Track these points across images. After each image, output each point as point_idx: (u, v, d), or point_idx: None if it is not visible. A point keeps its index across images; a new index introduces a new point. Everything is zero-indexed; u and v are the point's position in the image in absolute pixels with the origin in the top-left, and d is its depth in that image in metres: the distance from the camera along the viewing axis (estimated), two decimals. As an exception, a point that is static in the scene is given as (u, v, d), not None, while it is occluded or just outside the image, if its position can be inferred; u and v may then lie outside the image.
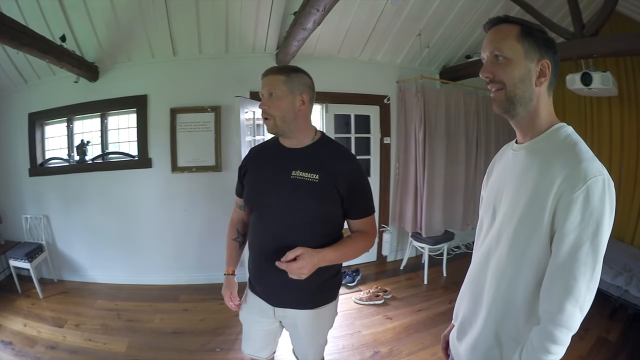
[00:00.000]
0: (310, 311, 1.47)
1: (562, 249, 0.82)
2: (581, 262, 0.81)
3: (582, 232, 0.80)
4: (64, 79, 3.68)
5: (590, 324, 2.85)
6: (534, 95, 0.93)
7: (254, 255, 1.49)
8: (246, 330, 1.63)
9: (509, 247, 0.93)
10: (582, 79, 3.14)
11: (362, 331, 2.98)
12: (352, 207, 1.39)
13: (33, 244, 3.89)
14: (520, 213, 0.91)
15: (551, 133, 0.94)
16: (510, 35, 0.91)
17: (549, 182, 0.85)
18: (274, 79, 1.35)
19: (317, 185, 1.33)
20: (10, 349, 2.82)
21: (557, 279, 0.83)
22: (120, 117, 4.01)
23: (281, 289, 1.43)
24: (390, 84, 4.19)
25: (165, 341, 2.90)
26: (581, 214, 0.80)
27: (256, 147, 1.62)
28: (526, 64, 0.91)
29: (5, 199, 4.17)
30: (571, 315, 0.81)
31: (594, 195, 0.80)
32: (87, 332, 3.04)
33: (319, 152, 1.40)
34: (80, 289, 3.93)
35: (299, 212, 1.35)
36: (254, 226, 1.47)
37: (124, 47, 3.54)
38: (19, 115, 3.99)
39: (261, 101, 1.37)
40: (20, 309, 3.46)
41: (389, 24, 3.54)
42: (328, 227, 1.40)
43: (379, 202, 4.38)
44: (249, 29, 3.39)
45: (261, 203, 1.43)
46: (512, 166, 1.00)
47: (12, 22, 2.39)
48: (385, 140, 4.31)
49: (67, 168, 4.01)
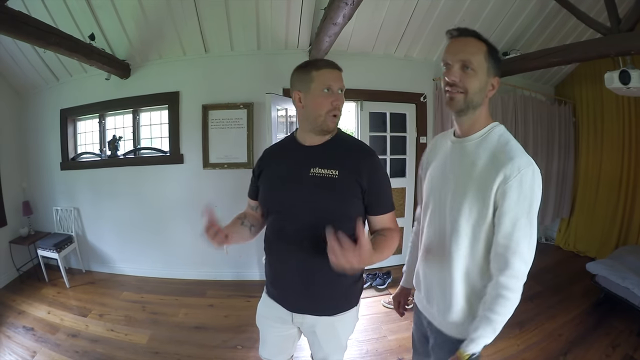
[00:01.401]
0: (330, 318, 1.44)
1: (505, 222, 1.08)
2: (521, 229, 1.07)
3: (519, 208, 1.07)
4: (96, 76, 3.86)
5: (618, 340, 2.78)
6: (482, 103, 1.18)
7: (272, 258, 1.48)
8: (263, 335, 1.62)
9: (464, 224, 1.16)
10: (621, 78, 3.02)
11: (387, 336, 2.96)
12: (376, 202, 1.37)
13: (62, 235, 4.11)
14: (471, 196, 1.14)
15: (488, 131, 1.20)
16: (480, 52, 1.13)
17: (493, 172, 1.09)
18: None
19: (337, 181, 1.31)
20: (32, 334, 2.98)
21: (504, 243, 1.09)
22: (153, 114, 4.16)
23: (301, 294, 1.40)
24: (426, 82, 4.16)
25: (187, 335, 2.97)
26: (517, 196, 1.06)
27: (270, 147, 1.59)
28: (486, 79, 1.15)
29: (37, 192, 4.43)
30: (518, 268, 1.08)
31: (525, 182, 1.06)
32: (110, 322, 3.17)
33: (337, 148, 1.39)
34: (107, 280, 4.11)
35: (320, 210, 1.32)
36: (272, 228, 1.45)
37: (154, 44, 3.68)
38: (51, 112, 4.23)
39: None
40: (46, 297, 3.65)
41: (424, 19, 3.53)
42: (349, 225, 1.23)
43: (413, 203, 4.35)
44: (280, 25, 3.45)
45: (279, 203, 1.40)
46: (456, 155, 1.24)
47: (38, 23, 2.54)
48: (422, 139, 4.27)
49: (98, 162, 4.21)
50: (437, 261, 1.28)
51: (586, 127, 4.75)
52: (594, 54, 3.04)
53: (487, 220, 1.12)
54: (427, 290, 1.36)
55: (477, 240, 1.15)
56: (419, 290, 1.44)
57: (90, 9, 3.17)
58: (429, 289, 1.35)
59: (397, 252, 4.37)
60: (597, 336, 2.82)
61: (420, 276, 1.41)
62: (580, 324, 3.01)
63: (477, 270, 1.18)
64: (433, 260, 1.31)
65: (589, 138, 4.74)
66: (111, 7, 3.16)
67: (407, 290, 1.67)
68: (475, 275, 1.19)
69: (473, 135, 1.21)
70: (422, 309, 1.43)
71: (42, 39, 2.62)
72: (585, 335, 2.85)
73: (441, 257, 1.25)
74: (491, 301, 1.10)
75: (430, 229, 1.32)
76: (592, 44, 3.01)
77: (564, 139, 4.79)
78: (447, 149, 1.30)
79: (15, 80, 4.22)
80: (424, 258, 1.37)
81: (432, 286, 1.33)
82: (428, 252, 1.34)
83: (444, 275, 1.25)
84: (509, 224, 1.08)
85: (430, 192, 1.34)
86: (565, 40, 3.82)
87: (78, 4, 3.11)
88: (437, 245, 1.28)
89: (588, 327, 2.96)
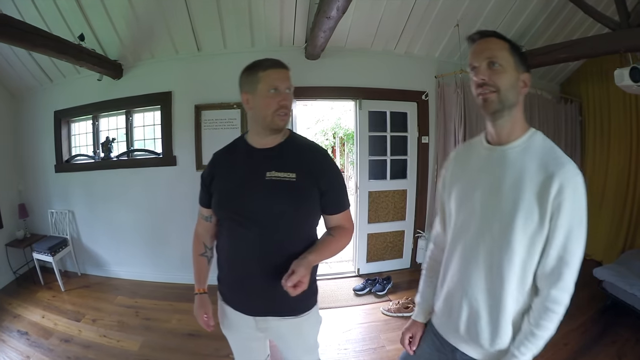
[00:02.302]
0: (293, 320, 1.47)
1: (559, 233, 1.05)
2: (574, 240, 1.05)
3: (573, 218, 1.04)
4: (89, 77, 3.87)
5: (624, 349, 2.75)
6: (517, 102, 1.13)
7: (229, 266, 1.47)
8: (233, 344, 1.65)
9: (518, 241, 1.09)
10: (631, 75, 2.93)
11: (386, 346, 2.91)
12: (331, 201, 1.42)
13: (57, 238, 4.15)
14: (526, 210, 1.07)
15: (531, 136, 1.15)
16: (503, 48, 1.11)
17: (547, 181, 1.04)
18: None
19: (295, 184, 1.33)
20: (26, 339, 3.02)
21: (558, 255, 1.06)
22: (146, 115, 4.17)
23: (262, 298, 1.42)
24: (428, 79, 4.09)
25: (180, 343, 2.98)
26: (571, 205, 1.03)
27: (220, 151, 1.56)
28: (516, 74, 1.11)
29: (32, 194, 4.48)
30: (570, 280, 1.06)
31: (578, 189, 1.04)
32: (103, 327, 3.20)
33: (292, 149, 1.41)
34: (102, 283, 4.15)
35: (279, 214, 1.34)
36: (229, 235, 1.43)
37: (146, 43, 3.68)
38: (45, 113, 4.26)
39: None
40: (41, 300, 3.70)
41: (424, 14, 3.46)
42: (307, 226, 1.43)
43: (415, 205, 4.31)
44: (275, 22, 3.42)
45: (236, 210, 1.38)
46: (497, 165, 1.16)
47: (23, 25, 2.55)
48: (424, 139, 4.21)
49: (92, 165, 4.24)
50: (483, 286, 1.17)
51: (592, 126, 4.67)
52: (602, 49, 2.97)
53: (543, 234, 1.07)
54: (468, 321, 1.22)
55: (532, 257, 1.10)
56: (449, 316, 1.30)
57: (81, 8, 3.18)
58: (471, 318, 1.21)
59: (398, 257, 4.36)
60: (603, 345, 2.77)
61: (455, 301, 1.27)
62: (585, 332, 2.94)
63: (528, 290, 1.13)
64: (476, 285, 1.19)
65: (595, 138, 4.65)
66: (101, 7, 3.16)
67: (421, 325, 1.50)
68: (526, 296, 1.14)
69: (516, 141, 1.15)
70: (454, 341, 1.31)
71: (27, 41, 2.64)
72: (591, 345, 2.79)
73: (489, 281, 1.16)
74: (539, 316, 1.08)
75: (470, 253, 1.21)
76: (600, 39, 2.95)
77: (570, 138, 4.69)
78: (481, 159, 1.23)
79: (10, 83, 4.26)
80: (461, 282, 1.24)
81: (474, 315, 1.20)
82: (469, 277, 1.21)
83: (492, 300, 1.16)
84: (563, 235, 1.05)
85: (465, 213, 1.24)
86: (572, 36, 3.72)
87: (68, 4, 3.12)
88: (483, 270, 1.17)
89: (594, 336, 2.90)
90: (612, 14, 2.82)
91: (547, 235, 1.07)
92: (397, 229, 4.33)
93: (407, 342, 1.51)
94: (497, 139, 1.18)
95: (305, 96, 4.00)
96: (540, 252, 1.09)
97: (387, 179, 4.25)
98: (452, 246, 1.29)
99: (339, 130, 11.03)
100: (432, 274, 1.46)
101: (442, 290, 1.34)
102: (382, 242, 4.30)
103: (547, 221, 1.05)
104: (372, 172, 4.19)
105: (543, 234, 1.07)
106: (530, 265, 1.10)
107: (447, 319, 1.32)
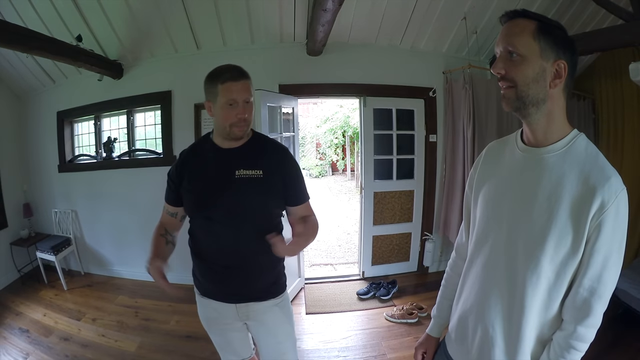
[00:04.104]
0: (274, 301, 1.64)
1: (596, 260, 0.93)
2: (611, 268, 0.93)
3: (613, 243, 0.92)
4: (90, 78, 4.02)
5: None
6: (547, 97, 0.96)
7: (207, 260, 1.58)
8: (216, 338, 1.75)
9: (547, 263, 0.97)
10: None
11: (387, 354, 2.91)
12: (295, 194, 1.59)
13: (61, 237, 4.34)
14: (560, 227, 0.95)
15: (572, 140, 0.99)
16: (526, 30, 0.93)
17: (588, 195, 0.91)
18: None
19: (262, 180, 1.49)
20: (26, 336, 3.19)
21: (590, 286, 0.94)
22: (147, 114, 4.30)
23: (241, 285, 1.57)
24: (436, 75, 4.07)
25: (177, 344, 3.08)
26: (612, 227, 0.91)
27: (186, 151, 1.66)
28: (541, 63, 0.93)
29: (36, 194, 4.69)
30: (599, 315, 0.96)
31: (621, 208, 0.91)
32: (103, 327, 3.34)
33: (256, 148, 1.57)
34: (104, 283, 4.32)
35: (249, 208, 1.49)
36: (203, 230, 1.56)
37: (145, 43, 3.78)
38: (48, 114, 4.45)
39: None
40: (44, 299, 3.88)
41: (430, 6, 3.43)
42: (275, 215, 1.60)
43: (422, 207, 4.30)
44: (274, 18, 3.46)
45: (209, 207, 1.50)
46: (531, 170, 1.03)
47: (18, 28, 2.69)
48: (431, 138, 4.19)
49: (94, 165, 4.40)
50: (500, 312, 1.07)
51: (606, 124, 4.54)
52: (616, 42, 2.92)
53: (577, 258, 0.94)
54: (481, 349, 1.13)
55: (561, 284, 0.98)
56: (463, 343, 1.22)
57: (78, 10, 3.29)
58: (485, 346, 1.12)
59: (404, 260, 4.37)
60: (614, 356, 2.73)
61: (469, 326, 1.18)
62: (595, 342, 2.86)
63: (551, 322, 1.02)
64: (494, 310, 1.08)
65: (609, 137, 4.52)
66: (98, 7, 3.26)
67: (435, 340, 1.43)
68: (547, 329, 1.03)
69: (554, 144, 1.00)
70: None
71: (23, 44, 2.77)
72: (601, 356, 2.73)
73: (508, 307, 1.05)
74: (560, 353, 0.98)
75: (490, 270, 1.10)
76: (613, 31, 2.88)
77: None
78: (515, 160, 1.09)
79: (14, 84, 4.46)
80: (477, 305, 1.14)
81: (489, 343, 1.10)
82: (486, 299, 1.11)
83: (510, 328, 1.06)
84: (600, 263, 0.93)
85: (490, 219, 1.12)
86: (585, 29, 3.65)
87: (66, 5, 3.23)
88: (501, 292, 1.07)
89: (605, 346, 2.82)
90: (625, 5, 2.76)
91: (580, 260, 0.95)
92: (404, 231, 4.33)
93: (420, 358, 1.44)
94: (532, 139, 1.04)
95: (308, 93, 4.04)
96: (570, 278, 0.97)
97: (393, 179, 4.24)
98: (471, 259, 1.20)
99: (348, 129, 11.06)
100: (449, 286, 1.37)
101: (457, 309, 1.25)
102: (388, 244, 4.31)
103: (583, 245, 0.93)
104: (377, 172, 4.20)
105: (576, 258, 0.95)
106: (557, 293, 0.99)
107: (459, 345, 1.23)
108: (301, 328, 3.30)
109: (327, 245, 5.98)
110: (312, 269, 4.87)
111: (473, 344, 1.15)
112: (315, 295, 3.88)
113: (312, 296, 3.85)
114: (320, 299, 3.79)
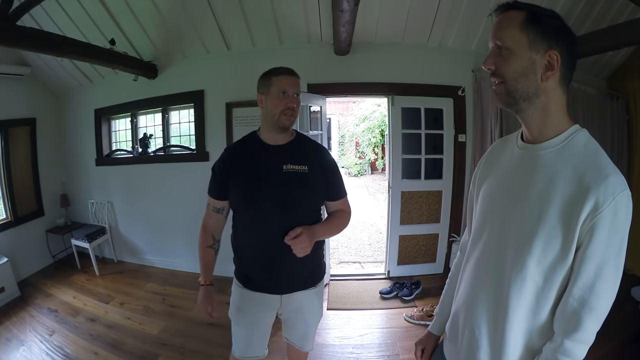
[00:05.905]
0: (314, 290, 1.85)
1: (587, 268, 0.88)
2: (605, 278, 0.88)
3: (608, 250, 0.87)
4: (126, 78, 4.39)
5: None
6: (539, 91, 0.94)
7: (254, 253, 1.74)
8: (246, 334, 1.89)
9: (533, 266, 0.95)
10: None
11: (400, 355, 2.95)
12: (334, 189, 1.81)
13: (96, 226, 4.76)
14: (549, 228, 0.92)
15: (569, 137, 0.96)
16: (513, 23, 0.93)
17: (580, 195, 0.87)
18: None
19: (307, 175, 1.68)
20: (54, 315, 3.52)
21: (580, 297, 0.90)
22: (182, 112, 4.62)
23: (291, 276, 1.74)
24: (465, 73, 4.08)
25: (198, 330, 3.29)
26: (608, 232, 0.86)
27: (232, 146, 1.84)
28: (530, 56, 0.92)
29: (74, 185, 5.16)
30: (591, 331, 0.91)
31: (620, 211, 0.86)
32: (129, 311, 3.63)
33: (300, 146, 1.77)
34: (136, 270, 4.67)
35: (295, 201, 1.66)
36: (252, 223, 1.71)
37: (177, 44, 4.09)
38: (86, 111, 4.88)
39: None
40: (75, 282, 4.26)
41: (454, 3, 3.46)
42: (316, 208, 1.81)
43: (450, 207, 4.33)
44: (299, 18, 3.62)
45: (258, 200, 1.65)
46: (526, 167, 1.02)
47: (51, 35, 3.07)
48: (460, 137, 4.20)
49: (130, 159, 4.77)
50: (486, 313, 1.06)
51: None
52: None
53: (566, 263, 0.91)
54: (468, 351, 1.12)
55: (549, 289, 0.95)
56: (454, 342, 1.22)
57: (111, 16, 3.65)
58: (471, 348, 1.10)
59: (431, 261, 4.39)
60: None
61: (459, 325, 1.18)
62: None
63: (541, 330, 0.99)
64: (480, 310, 1.08)
65: None
66: (129, 12, 3.59)
67: (435, 337, 1.44)
68: (537, 337, 0.99)
69: (549, 141, 0.98)
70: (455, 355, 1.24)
71: (56, 49, 3.12)
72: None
73: (493, 308, 1.04)
74: None
75: (481, 268, 1.10)
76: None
77: (616, 140, 4.37)
78: (513, 158, 1.08)
79: (52, 84, 4.94)
80: (466, 304, 1.15)
81: (474, 345, 1.09)
82: (474, 298, 1.11)
83: (494, 331, 1.04)
84: (592, 271, 0.88)
85: (485, 215, 1.12)
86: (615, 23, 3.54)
87: (98, 11, 3.58)
88: (488, 291, 1.06)
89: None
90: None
91: (570, 266, 0.91)
92: (431, 231, 4.36)
93: (420, 354, 1.45)
94: (529, 135, 1.03)
95: (336, 92, 4.19)
96: (559, 284, 0.94)
97: (421, 178, 4.28)
98: (467, 256, 1.20)
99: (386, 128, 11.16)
100: (452, 284, 1.36)
101: (453, 308, 1.26)
102: (415, 245, 4.37)
103: (573, 249, 0.89)
104: (405, 171, 4.26)
105: (566, 263, 0.91)
106: (545, 299, 0.96)
107: (452, 345, 1.24)
108: (320, 323, 3.40)
109: (358, 244, 6.08)
110: (339, 266, 5.00)
111: (462, 344, 1.15)
112: (338, 291, 4.01)
113: (336, 292, 3.98)
114: (343, 296, 3.92)
